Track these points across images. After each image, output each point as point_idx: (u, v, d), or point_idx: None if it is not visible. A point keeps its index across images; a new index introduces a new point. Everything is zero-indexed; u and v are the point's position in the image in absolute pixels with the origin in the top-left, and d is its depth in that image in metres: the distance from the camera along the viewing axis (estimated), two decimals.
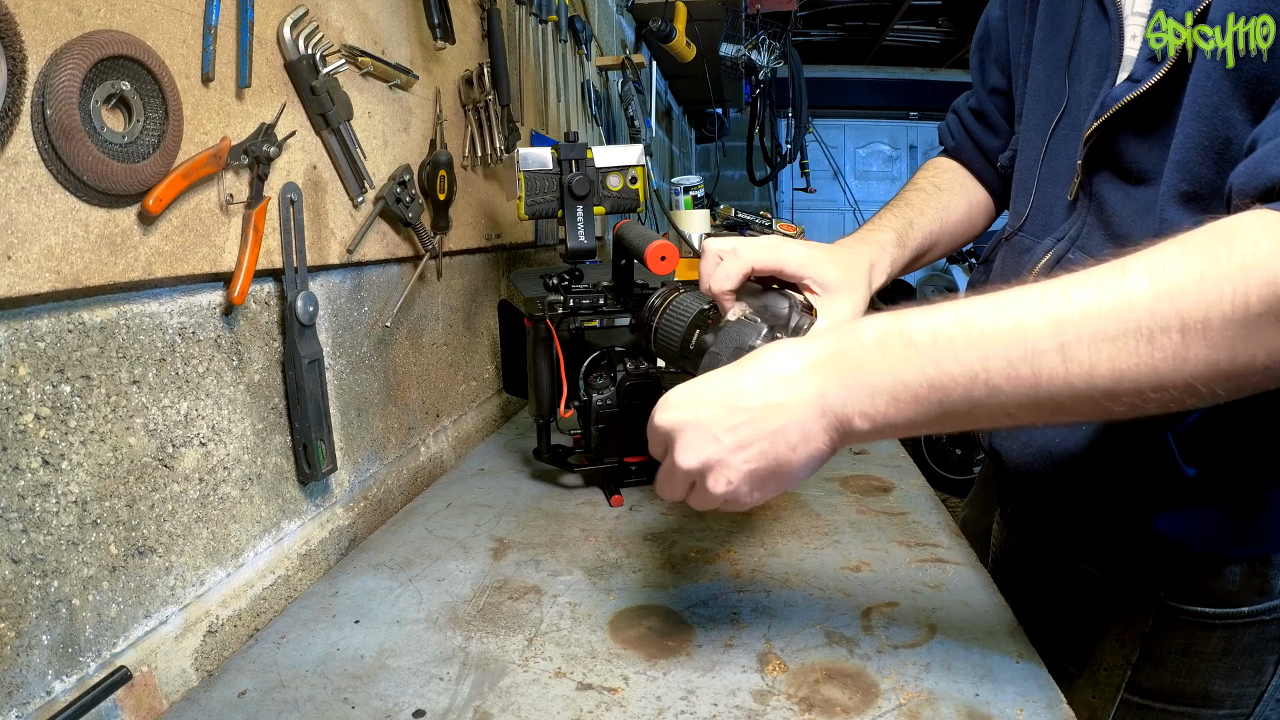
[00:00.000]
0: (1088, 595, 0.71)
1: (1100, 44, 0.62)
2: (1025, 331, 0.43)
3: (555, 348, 0.98)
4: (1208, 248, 0.41)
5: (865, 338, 0.48)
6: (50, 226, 0.51)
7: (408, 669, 0.64)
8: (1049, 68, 0.69)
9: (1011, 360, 0.43)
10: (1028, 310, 0.43)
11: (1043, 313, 0.42)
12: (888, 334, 0.47)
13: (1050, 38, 0.69)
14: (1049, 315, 0.42)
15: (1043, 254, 0.68)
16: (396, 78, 0.94)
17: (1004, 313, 0.44)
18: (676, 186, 2.16)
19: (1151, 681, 0.68)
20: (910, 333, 0.46)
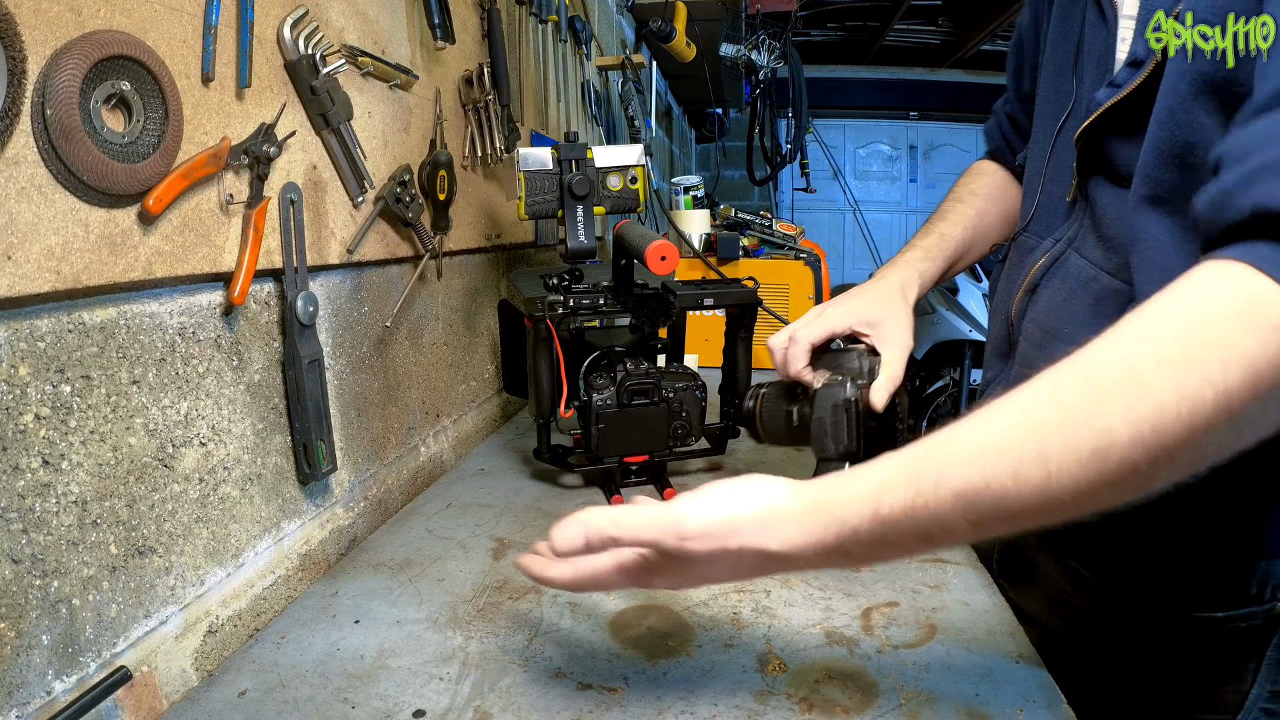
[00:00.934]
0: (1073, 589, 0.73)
1: (1099, 45, 0.63)
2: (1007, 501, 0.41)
3: (555, 348, 0.98)
4: (1180, 344, 0.38)
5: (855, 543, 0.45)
6: (50, 226, 0.51)
7: (408, 669, 0.64)
8: (1058, 68, 0.70)
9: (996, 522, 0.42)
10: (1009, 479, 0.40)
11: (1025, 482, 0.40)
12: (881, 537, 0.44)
13: (1060, 38, 0.70)
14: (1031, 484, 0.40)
15: (1041, 254, 0.69)
16: (396, 78, 0.94)
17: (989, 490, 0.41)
18: (676, 186, 2.16)
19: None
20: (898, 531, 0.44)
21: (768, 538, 0.47)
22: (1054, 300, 0.67)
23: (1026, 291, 0.70)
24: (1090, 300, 0.63)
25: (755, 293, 1.06)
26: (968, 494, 0.41)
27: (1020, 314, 0.71)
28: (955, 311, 4.00)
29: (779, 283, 1.80)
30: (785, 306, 1.80)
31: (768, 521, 0.47)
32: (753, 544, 0.47)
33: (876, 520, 0.44)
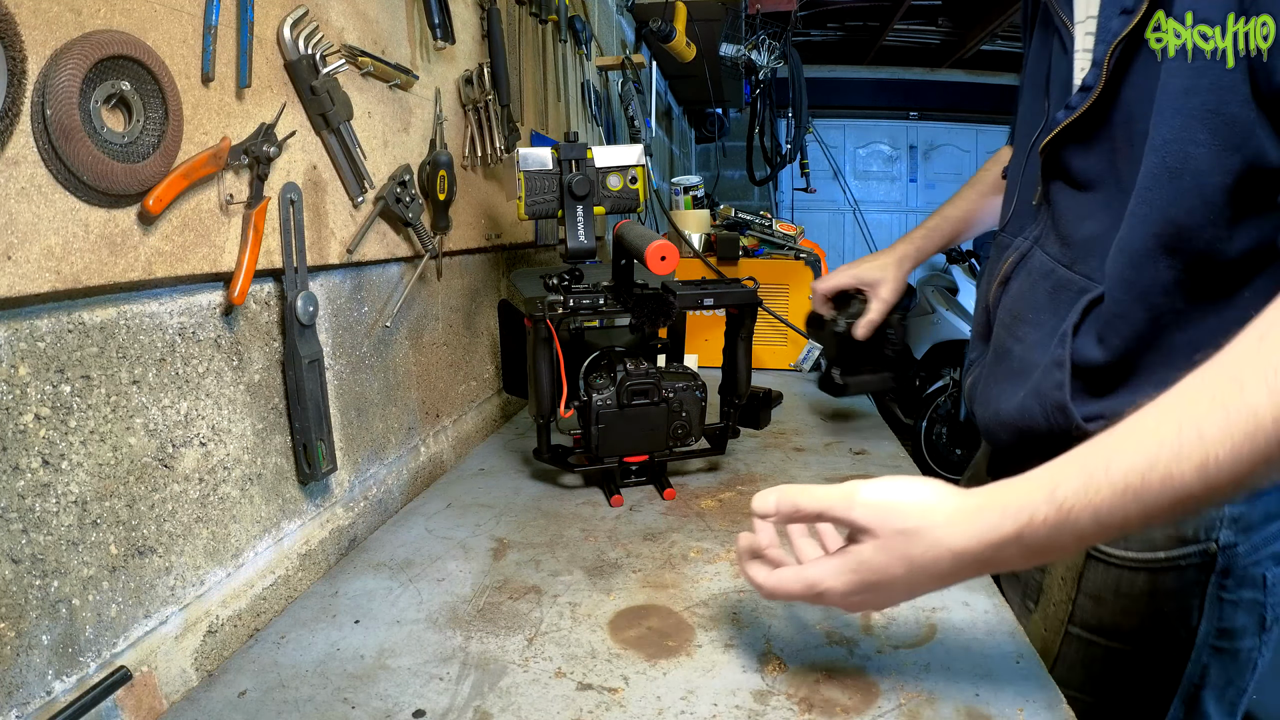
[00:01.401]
0: None
1: (1063, 72, 0.72)
2: (1174, 483, 0.44)
3: (555, 348, 0.98)
4: None
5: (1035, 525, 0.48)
6: (50, 226, 0.51)
7: (408, 669, 0.64)
8: (1034, 91, 0.81)
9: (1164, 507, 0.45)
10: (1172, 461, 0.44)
11: (1186, 460, 0.43)
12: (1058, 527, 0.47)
13: (1036, 66, 0.80)
14: (1192, 462, 0.43)
15: (1013, 251, 0.80)
16: (396, 78, 0.94)
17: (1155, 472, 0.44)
18: (676, 186, 2.16)
19: (1094, 618, 0.74)
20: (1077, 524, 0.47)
21: (943, 529, 0.50)
22: (1021, 290, 0.78)
23: (1000, 283, 0.81)
24: (1049, 289, 0.72)
25: (755, 293, 1.06)
26: (1135, 476, 0.44)
27: (995, 302, 0.82)
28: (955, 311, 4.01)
29: (779, 283, 1.80)
30: (785, 306, 1.80)
31: (940, 510, 0.51)
32: (926, 531, 0.50)
33: (1053, 506, 0.46)
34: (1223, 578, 0.69)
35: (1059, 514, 0.46)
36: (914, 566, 0.51)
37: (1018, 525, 0.48)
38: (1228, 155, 0.57)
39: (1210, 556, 0.68)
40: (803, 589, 0.56)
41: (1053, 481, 0.47)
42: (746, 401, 1.13)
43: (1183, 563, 0.69)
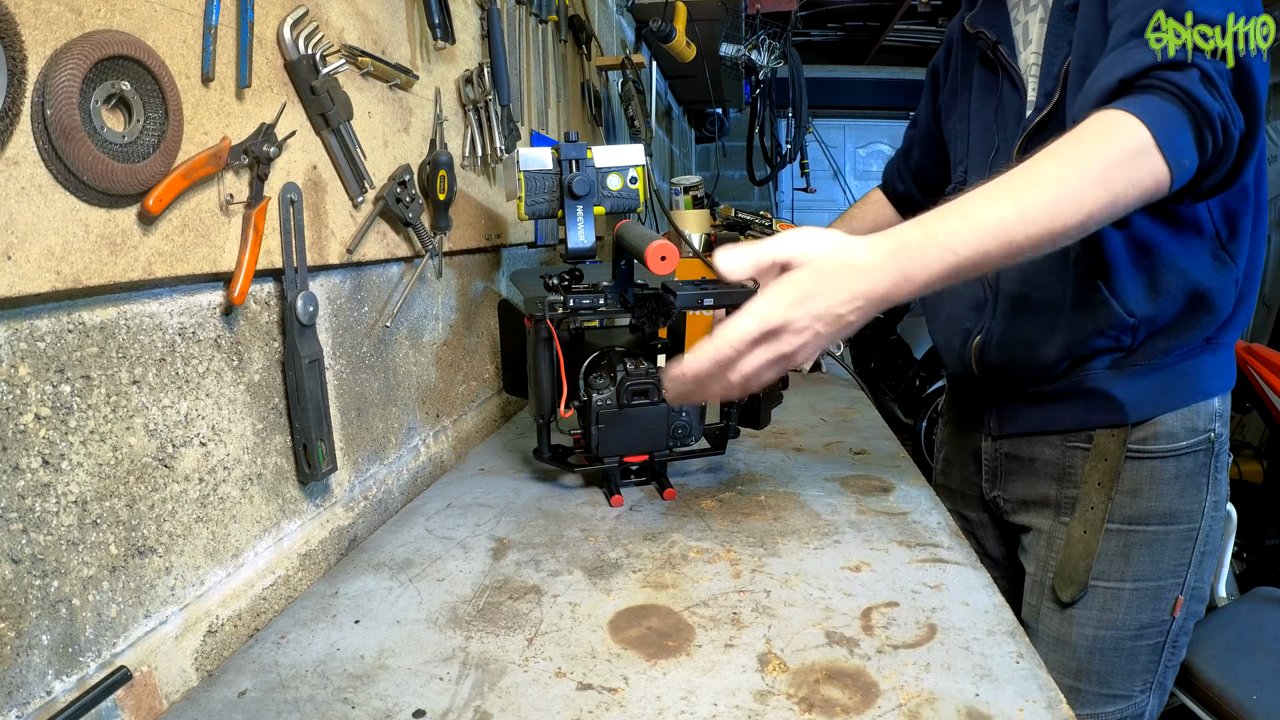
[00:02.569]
0: (1074, 461, 0.97)
1: (1014, 104, 0.96)
2: (997, 210, 0.67)
3: (555, 348, 0.97)
4: (1077, 138, 0.68)
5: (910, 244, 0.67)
6: (50, 226, 0.51)
7: (408, 669, 0.64)
8: (983, 126, 1.03)
9: (992, 228, 0.66)
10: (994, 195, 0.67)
11: (1003, 194, 0.67)
12: (922, 241, 0.67)
13: (981, 106, 1.03)
14: (1007, 194, 0.67)
15: None
16: (396, 78, 0.94)
17: (988, 212, 0.67)
18: (676, 186, 2.16)
19: (1131, 510, 0.93)
20: (935, 238, 0.67)
21: (851, 253, 0.67)
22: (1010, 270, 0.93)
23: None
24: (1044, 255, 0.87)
25: (755, 293, 1.06)
26: (973, 208, 0.67)
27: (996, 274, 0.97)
28: None
29: None
30: None
31: (850, 243, 0.68)
32: (839, 255, 0.67)
33: (920, 229, 0.67)
34: (1215, 459, 0.93)
35: (923, 231, 0.67)
36: (834, 281, 0.67)
37: (898, 241, 0.67)
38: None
39: (1211, 442, 0.92)
40: (755, 321, 0.67)
41: (922, 219, 0.68)
42: (746, 401, 1.13)
43: (1197, 448, 0.92)
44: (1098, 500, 0.93)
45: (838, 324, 0.68)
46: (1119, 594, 0.94)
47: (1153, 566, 0.93)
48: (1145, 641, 0.95)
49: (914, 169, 1.30)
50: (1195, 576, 0.94)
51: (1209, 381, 0.92)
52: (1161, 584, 0.94)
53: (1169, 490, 0.92)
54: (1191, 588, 0.95)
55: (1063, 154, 0.67)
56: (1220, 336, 0.91)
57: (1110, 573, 0.94)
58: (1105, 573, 0.94)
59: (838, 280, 0.67)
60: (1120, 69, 0.72)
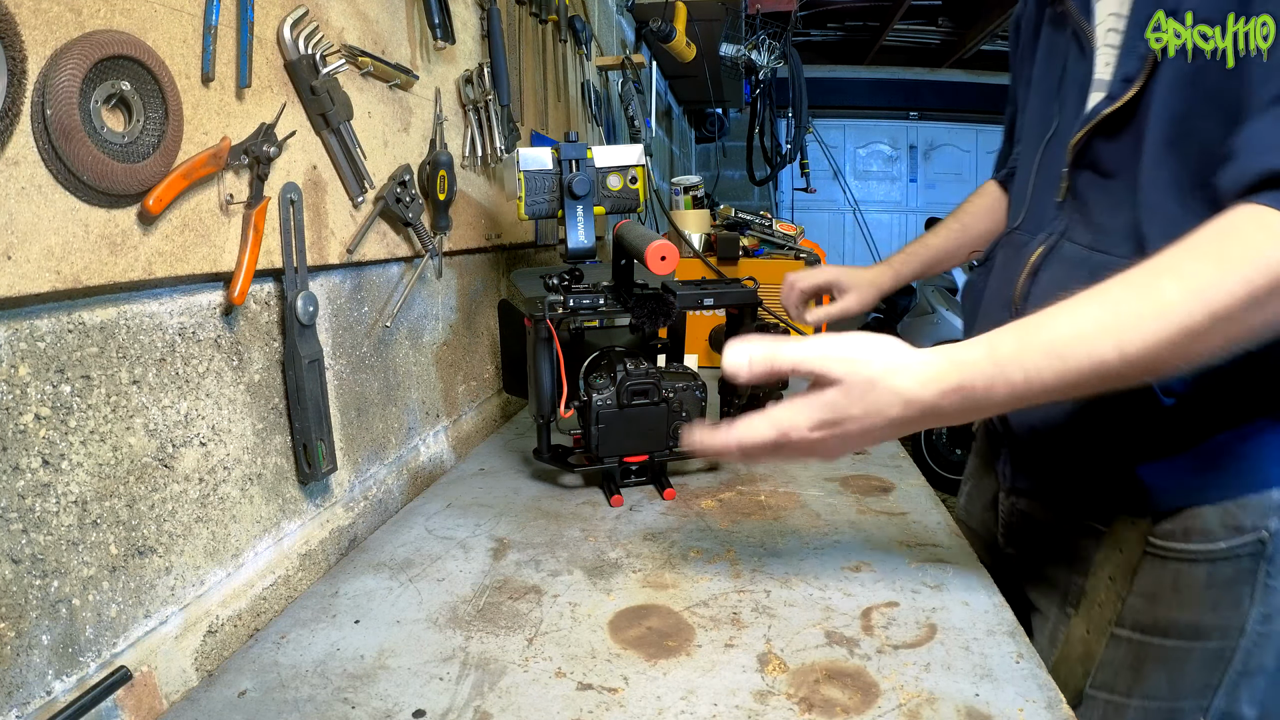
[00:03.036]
0: (1087, 544, 0.80)
1: (1080, 75, 0.77)
2: (1094, 353, 0.54)
3: (555, 348, 0.98)
4: (1216, 249, 0.53)
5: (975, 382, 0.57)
6: (50, 226, 0.51)
7: (408, 669, 0.64)
8: (1044, 99, 0.85)
9: (1085, 374, 0.55)
10: (1094, 335, 0.54)
11: (1106, 335, 0.54)
12: (993, 379, 0.57)
13: (1045, 75, 0.85)
14: (1110, 338, 0.54)
15: (1037, 246, 0.81)
16: (396, 78, 0.94)
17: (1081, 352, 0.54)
18: (676, 186, 2.16)
19: (1147, 617, 0.75)
20: (1010, 377, 0.56)
21: (899, 376, 0.58)
22: (1055, 279, 0.77)
23: (1029, 275, 0.80)
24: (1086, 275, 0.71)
25: (755, 293, 1.06)
26: (1060, 343, 0.55)
27: (1025, 295, 0.81)
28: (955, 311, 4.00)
29: (779, 283, 1.80)
30: None
31: (899, 363, 0.58)
32: (885, 379, 0.58)
33: (991, 360, 0.56)
34: (1269, 563, 0.71)
35: (995, 368, 0.56)
36: (870, 408, 0.59)
37: (960, 376, 0.57)
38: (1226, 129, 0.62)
39: (1263, 544, 0.71)
40: (772, 429, 0.61)
41: (992, 342, 0.57)
42: (746, 401, 1.13)
43: (1240, 551, 0.71)
44: (1107, 598, 0.77)
45: (869, 442, 0.61)
46: (1122, 710, 0.77)
47: (1168, 686, 0.75)
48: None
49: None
50: (1227, 699, 0.74)
51: (1268, 468, 0.71)
52: (1178, 706, 0.75)
53: (1198, 600, 0.73)
54: (1221, 712, 0.74)
55: (1190, 273, 0.53)
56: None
57: (1115, 685, 0.77)
58: (1108, 684, 0.77)
59: (877, 408, 0.58)
60: (1272, 156, 0.55)
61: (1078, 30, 0.76)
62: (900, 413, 0.58)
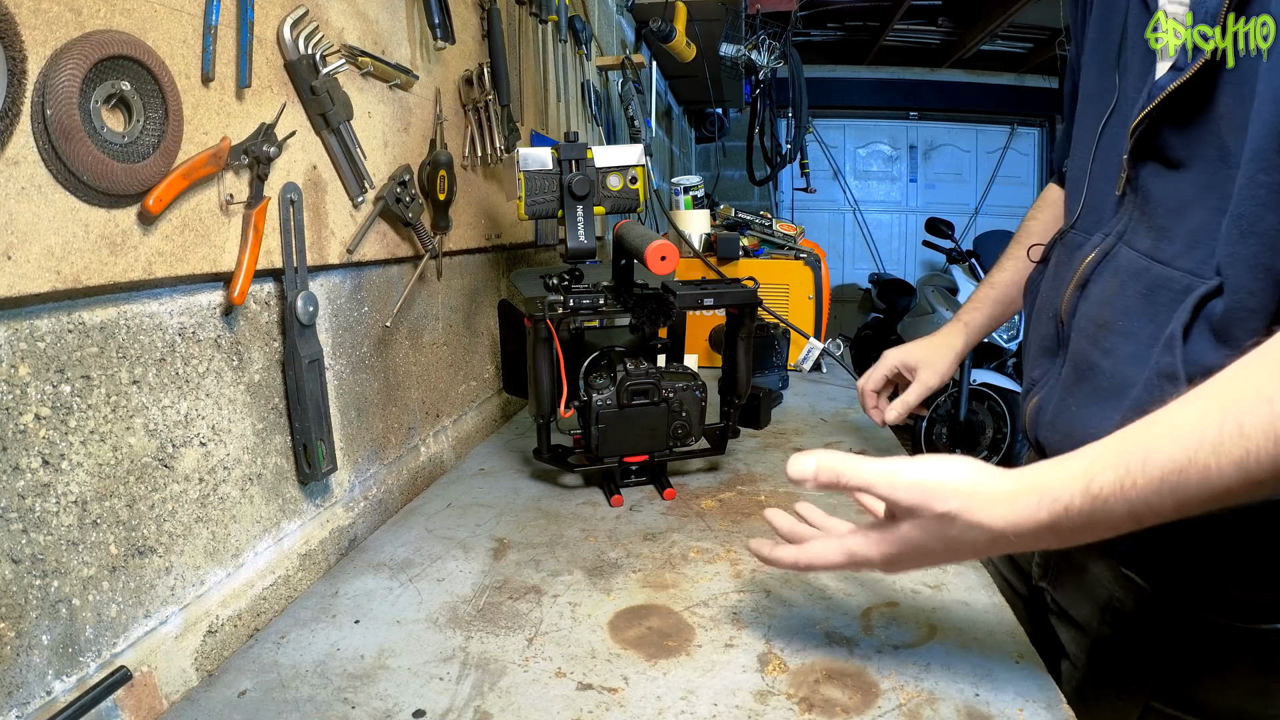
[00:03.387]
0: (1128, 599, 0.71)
1: (1143, 39, 0.63)
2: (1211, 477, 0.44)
3: (555, 348, 0.98)
4: None
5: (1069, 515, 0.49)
6: (50, 226, 0.51)
7: (408, 669, 0.64)
8: (1100, 66, 0.72)
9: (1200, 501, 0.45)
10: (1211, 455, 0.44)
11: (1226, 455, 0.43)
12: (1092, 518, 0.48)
13: (1101, 37, 0.71)
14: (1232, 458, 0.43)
15: (1090, 249, 0.70)
16: (396, 78, 0.94)
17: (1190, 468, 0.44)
18: (676, 186, 2.16)
19: (1180, 695, 0.67)
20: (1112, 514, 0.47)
21: (981, 512, 0.51)
22: (1106, 295, 0.68)
23: (1077, 287, 0.71)
24: (1142, 291, 0.64)
25: (755, 293, 1.06)
26: (1173, 471, 0.44)
27: (1071, 310, 0.72)
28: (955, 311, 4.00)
29: (779, 283, 1.80)
30: (785, 306, 1.80)
31: (979, 494, 0.51)
32: (965, 515, 0.51)
33: (1088, 498, 0.47)
34: None
35: (1093, 504, 0.47)
36: (951, 545, 0.54)
37: (1053, 515, 0.49)
38: None
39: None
40: (845, 559, 0.58)
41: (1089, 473, 0.48)
42: (746, 401, 1.13)
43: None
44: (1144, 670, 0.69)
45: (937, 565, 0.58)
46: None
47: None
48: None
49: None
50: None
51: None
52: None
53: (1243, 685, 0.65)
54: None
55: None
56: None
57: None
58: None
59: (959, 545, 0.53)
60: None
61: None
62: (985, 546, 0.53)
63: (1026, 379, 0.81)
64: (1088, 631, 0.75)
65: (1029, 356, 0.81)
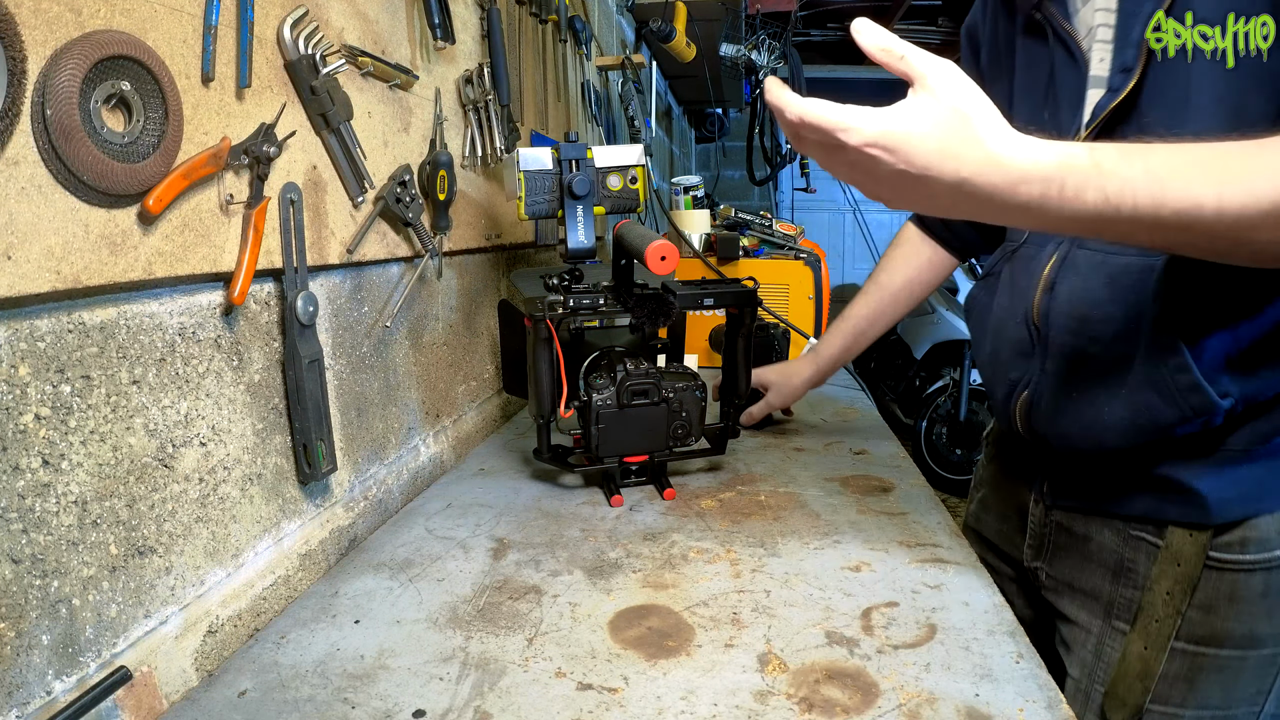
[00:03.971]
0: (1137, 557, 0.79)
1: (1072, 80, 0.75)
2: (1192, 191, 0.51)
3: (555, 348, 0.98)
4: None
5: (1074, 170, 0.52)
6: (50, 226, 0.51)
7: (408, 669, 0.64)
8: (1031, 108, 0.82)
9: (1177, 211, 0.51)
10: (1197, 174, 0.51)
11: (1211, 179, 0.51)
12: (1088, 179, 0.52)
13: (1028, 85, 0.82)
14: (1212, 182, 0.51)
15: (1049, 257, 0.79)
16: (396, 78, 0.94)
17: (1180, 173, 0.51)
18: (676, 186, 2.16)
19: (1204, 629, 0.75)
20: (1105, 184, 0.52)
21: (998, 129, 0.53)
22: (1074, 291, 0.76)
23: (1045, 291, 0.79)
24: (1105, 281, 0.73)
25: (755, 293, 1.06)
26: (1164, 169, 0.51)
27: (1044, 312, 0.79)
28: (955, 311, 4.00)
29: (779, 283, 1.80)
30: (785, 306, 1.80)
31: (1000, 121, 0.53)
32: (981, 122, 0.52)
33: (1091, 161, 0.52)
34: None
35: (1094, 169, 0.52)
36: (947, 144, 0.52)
37: (1058, 161, 0.52)
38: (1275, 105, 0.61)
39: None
40: (834, 115, 0.53)
41: (1092, 147, 0.53)
42: (746, 401, 1.13)
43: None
44: (1165, 613, 0.76)
45: (918, 197, 0.55)
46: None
47: (1222, 695, 0.77)
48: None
49: None
50: (1277, 704, 0.77)
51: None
52: (1232, 713, 0.77)
53: (1254, 610, 0.74)
54: (1272, 715, 0.77)
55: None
56: None
57: (1170, 697, 0.78)
58: (1164, 696, 0.78)
59: (954, 147, 0.52)
60: None
61: (1062, 35, 0.75)
62: (972, 170, 0.52)
63: (1002, 382, 0.86)
64: (1099, 597, 0.83)
65: (998, 361, 0.87)
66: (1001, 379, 0.86)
